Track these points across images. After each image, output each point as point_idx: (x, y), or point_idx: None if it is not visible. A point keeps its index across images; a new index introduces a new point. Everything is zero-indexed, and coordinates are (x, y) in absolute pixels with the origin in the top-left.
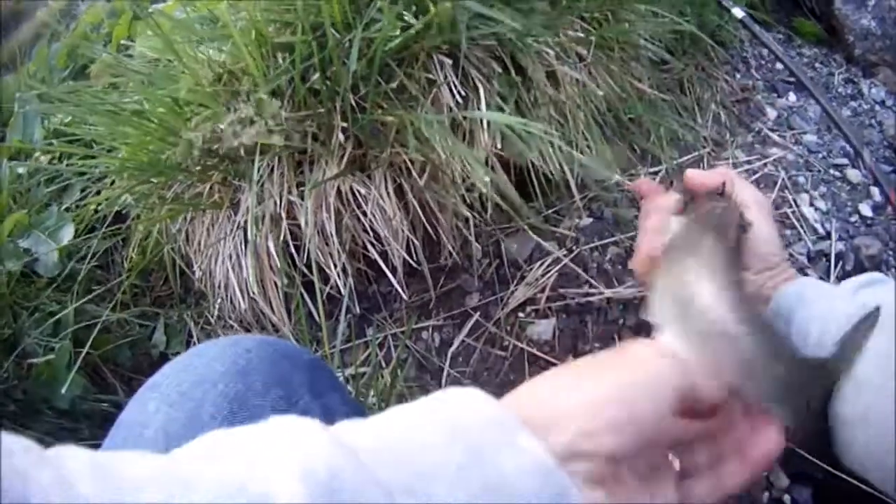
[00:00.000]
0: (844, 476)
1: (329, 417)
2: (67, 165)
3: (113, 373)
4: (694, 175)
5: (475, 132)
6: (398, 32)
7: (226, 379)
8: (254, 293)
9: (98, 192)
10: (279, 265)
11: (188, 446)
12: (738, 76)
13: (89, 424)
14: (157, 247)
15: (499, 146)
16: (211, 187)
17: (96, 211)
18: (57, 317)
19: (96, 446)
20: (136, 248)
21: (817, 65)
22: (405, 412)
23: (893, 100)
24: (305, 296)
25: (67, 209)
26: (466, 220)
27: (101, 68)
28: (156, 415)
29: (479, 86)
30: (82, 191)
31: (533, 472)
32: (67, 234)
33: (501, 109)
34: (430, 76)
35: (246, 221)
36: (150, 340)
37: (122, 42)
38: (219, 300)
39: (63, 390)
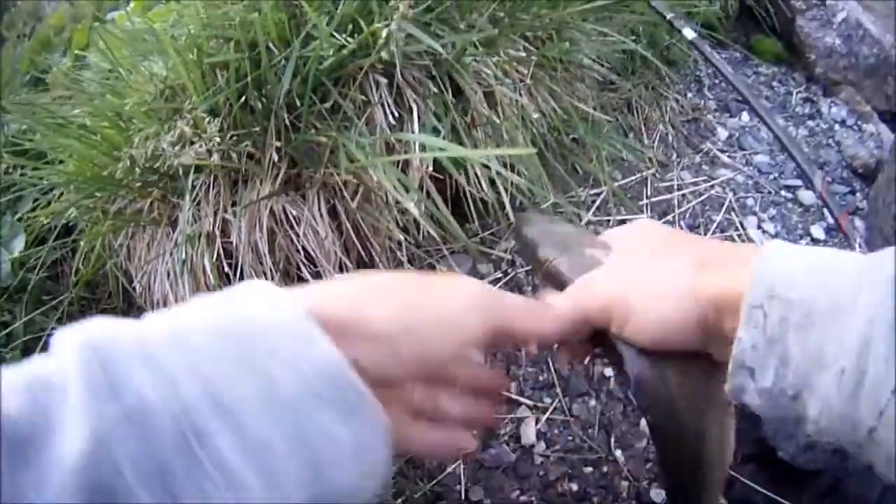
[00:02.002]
0: (786, 502)
1: None
2: (21, 175)
3: None
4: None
5: (409, 154)
6: (331, 52)
7: None
8: None
9: (48, 204)
10: (214, 283)
11: None
12: (689, 95)
13: None
14: (100, 261)
15: (430, 169)
16: (151, 203)
17: (45, 223)
18: (8, 329)
19: None
20: (82, 261)
21: (775, 83)
22: (198, 301)
23: (854, 118)
24: None
25: (20, 219)
26: (399, 242)
27: (57, 79)
28: None
29: (414, 106)
30: (34, 201)
31: (325, 370)
32: (19, 245)
33: (437, 130)
34: (364, 97)
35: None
36: None
37: (82, 50)
38: None
39: None
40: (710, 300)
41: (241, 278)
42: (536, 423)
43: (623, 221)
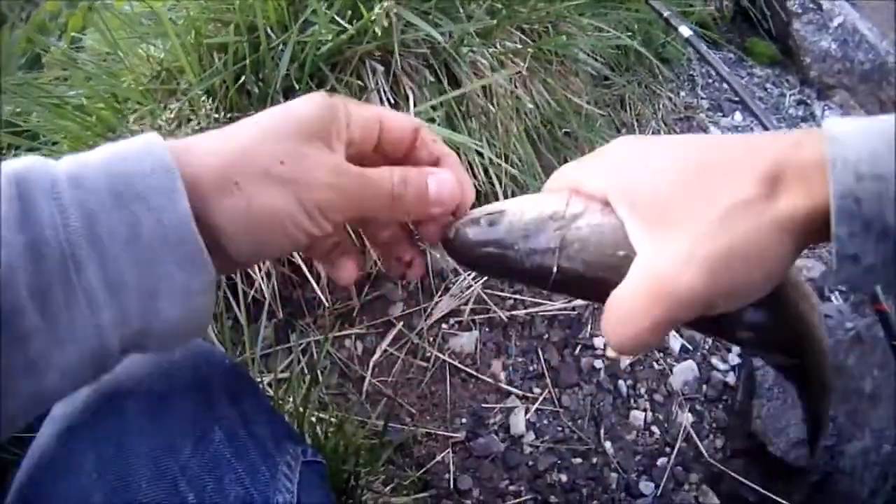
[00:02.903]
0: (776, 498)
1: (246, 424)
2: (14, 156)
3: None
4: None
5: None
6: (330, 38)
7: (150, 379)
8: None
9: None
10: None
11: None
12: (682, 94)
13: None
14: None
15: None
16: None
17: None
18: None
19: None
20: None
21: (768, 85)
22: (103, 147)
23: None
24: (231, 299)
25: None
26: None
27: (53, 60)
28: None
29: (410, 94)
30: None
31: (178, 223)
32: None
33: (432, 119)
34: (361, 83)
35: None
36: None
37: (76, 34)
38: None
39: None
40: (803, 224)
41: None
42: (526, 414)
43: None
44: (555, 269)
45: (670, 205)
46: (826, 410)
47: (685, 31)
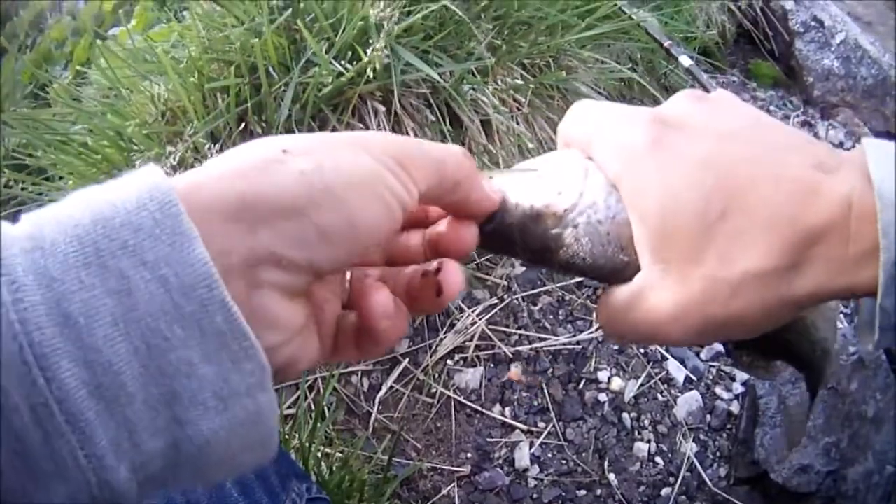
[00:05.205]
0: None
1: None
2: (21, 190)
3: None
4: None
5: None
6: (331, 80)
7: None
8: None
9: None
10: None
11: None
12: None
13: None
14: None
15: None
16: None
17: None
18: None
19: None
20: None
21: (772, 108)
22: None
23: (852, 141)
24: None
25: None
26: None
27: (58, 94)
28: None
29: (412, 134)
30: None
31: (192, 283)
32: None
33: None
34: (363, 125)
35: None
36: None
37: (83, 66)
38: None
39: None
40: (819, 300)
41: None
42: (530, 447)
43: None
44: (554, 265)
45: (682, 241)
46: (823, 382)
47: (685, 60)
